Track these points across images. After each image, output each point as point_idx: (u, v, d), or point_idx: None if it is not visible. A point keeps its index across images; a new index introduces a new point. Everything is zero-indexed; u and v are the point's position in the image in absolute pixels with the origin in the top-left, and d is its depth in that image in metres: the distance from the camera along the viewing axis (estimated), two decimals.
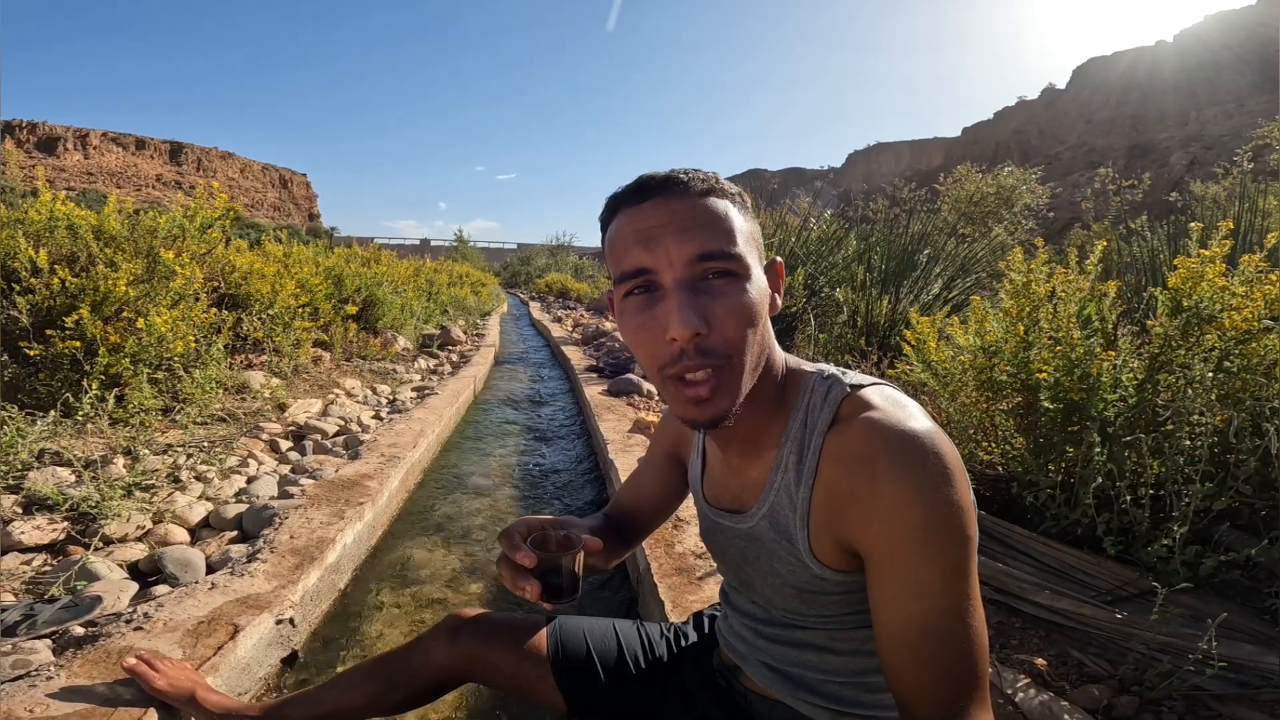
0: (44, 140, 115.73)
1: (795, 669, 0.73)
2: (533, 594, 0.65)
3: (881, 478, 0.56)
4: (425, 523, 2.36)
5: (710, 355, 0.58)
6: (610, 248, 0.63)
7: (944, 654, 0.54)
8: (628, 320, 0.62)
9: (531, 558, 0.65)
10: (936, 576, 0.54)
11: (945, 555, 0.54)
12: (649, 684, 0.89)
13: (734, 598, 0.81)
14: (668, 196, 0.60)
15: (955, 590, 0.54)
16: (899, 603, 0.55)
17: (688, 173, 0.62)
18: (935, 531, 0.54)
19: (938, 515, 0.54)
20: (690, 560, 1.70)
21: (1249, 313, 1.48)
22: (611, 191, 0.65)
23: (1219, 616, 1.15)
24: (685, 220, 0.59)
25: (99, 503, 1.82)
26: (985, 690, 0.54)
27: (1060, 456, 1.69)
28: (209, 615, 1.33)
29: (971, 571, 0.55)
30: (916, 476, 0.55)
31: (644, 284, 0.60)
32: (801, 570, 0.66)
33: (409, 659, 0.92)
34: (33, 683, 1.09)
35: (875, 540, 0.57)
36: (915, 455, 0.56)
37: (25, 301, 2.62)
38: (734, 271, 0.59)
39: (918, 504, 0.54)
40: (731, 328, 0.58)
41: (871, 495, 0.57)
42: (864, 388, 0.64)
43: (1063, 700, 1.20)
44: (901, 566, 0.55)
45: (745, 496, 0.72)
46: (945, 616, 0.54)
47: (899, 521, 0.55)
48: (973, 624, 0.54)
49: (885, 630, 0.56)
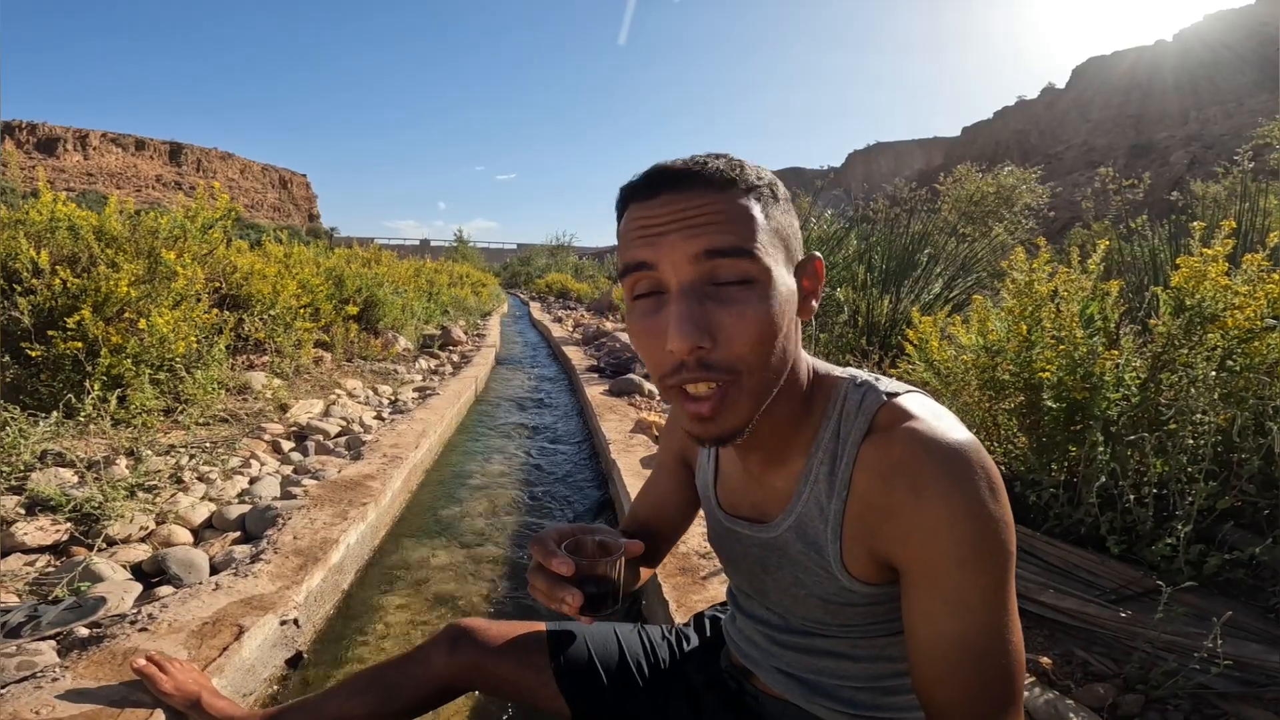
0: (44, 141, 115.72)
1: (811, 675, 0.72)
2: (573, 606, 0.60)
3: (927, 492, 0.54)
4: (428, 523, 2.36)
5: (714, 370, 0.54)
6: (619, 241, 0.60)
7: (982, 670, 0.53)
8: (633, 323, 0.58)
9: (569, 565, 0.60)
10: (978, 593, 0.53)
11: (989, 572, 0.53)
12: (653, 687, 0.88)
13: (745, 603, 0.80)
14: (681, 190, 0.54)
15: (996, 606, 0.53)
16: (937, 618, 0.54)
17: (707, 162, 0.55)
18: (982, 549, 0.52)
19: (986, 531, 0.53)
20: (694, 560, 1.70)
21: (1252, 312, 1.48)
22: (625, 180, 0.60)
23: (1224, 615, 1.15)
24: (695, 217, 0.54)
25: (102, 504, 1.82)
26: (1020, 705, 0.54)
27: (1063, 456, 1.69)
28: (214, 616, 1.33)
29: (1011, 586, 0.54)
30: (964, 492, 0.53)
31: (648, 283, 0.56)
32: (830, 582, 0.64)
33: (409, 669, 0.91)
34: (38, 684, 1.09)
35: (915, 555, 0.55)
36: (962, 469, 0.54)
37: (27, 302, 2.62)
38: (750, 276, 0.54)
39: (966, 520, 0.52)
40: (741, 342, 0.53)
41: (915, 510, 0.54)
42: (900, 396, 0.62)
43: (1068, 699, 1.20)
44: (943, 582, 0.54)
45: (767, 506, 0.69)
46: (985, 633, 0.53)
47: (945, 537, 0.53)
48: (1011, 639, 0.53)
49: (922, 645, 0.55)
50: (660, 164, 0.58)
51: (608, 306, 11.16)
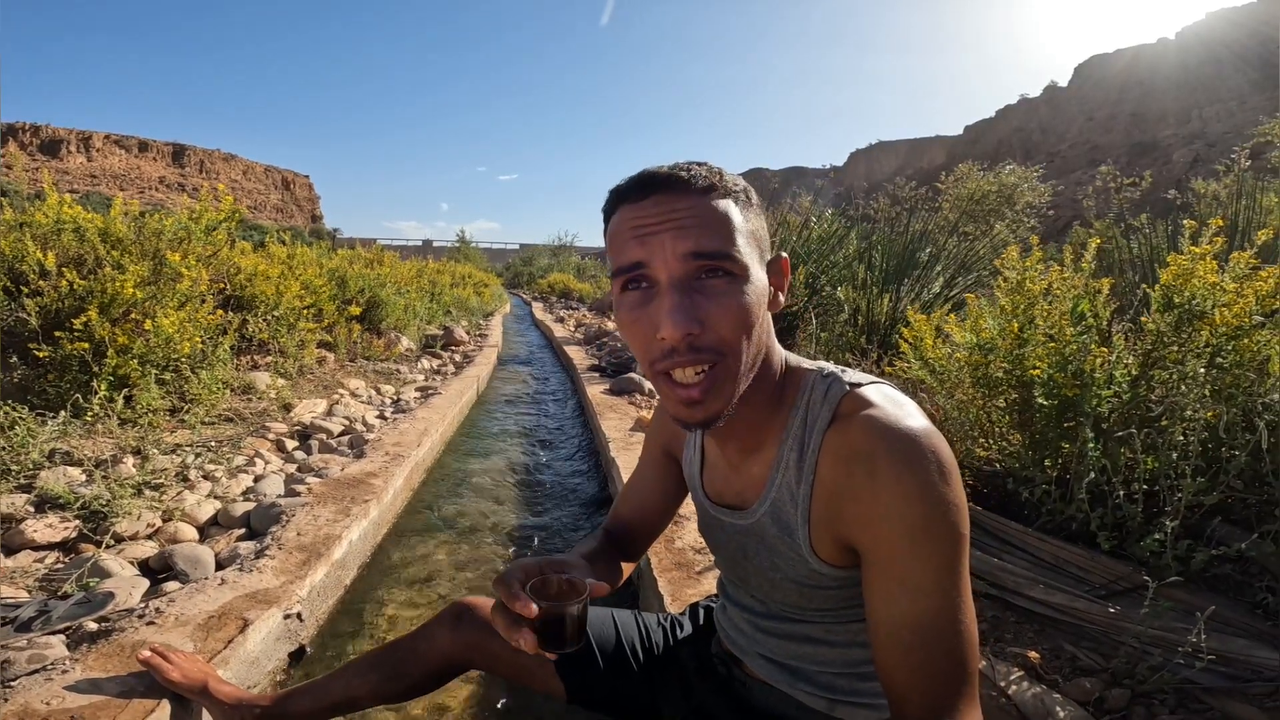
0: (47, 143, 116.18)
1: (793, 660, 0.75)
2: (529, 645, 0.59)
3: (881, 476, 0.57)
4: (429, 520, 2.39)
5: (703, 353, 0.58)
6: (610, 241, 0.63)
7: (936, 651, 0.55)
8: (623, 315, 0.62)
9: (531, 608, 0.59)
10: (931, 574, 0.55)
11: (941, 553, 0.55)
12: (647, 671, 0.91)
13: (732, 591, 0.83)
14: (668, 194, 0.60)
15: (949, 588, 0.55)
16: (893, 599, 0.56)
17: (690, 169, 0.61)
18: (932, 529, 0.55)
19: (935, 513, 0.55)
20: (689, 555, 1.73)
21: (1240, 309, 1.50)
22: (614, 184, 0.64)
23: (1207, 610, 1.17)
24: (684, 219, 0.59)
25: (109, 501, 1.85)
26: (975, 686, 0.56)
27: (1055, 452, 1.71)
28: (219, 610, 1.36)
29: (964, 569, 0.56)
30: (916, 475, 0.56)
31: (639, 278, 0.60)
32: (801, 566, 0.67)
33: (414, 645, 0.94)
34: (48, 676, 1.11)
35: (873, 537, 0.58)
36: (914, 453, 0.57)
37: (34, 304, 2.65)
38: (731, 272, 0.59)
39: (917, 502, 0.55)
40: (726, 328, 0.58)
41: (871, 493, 0.57)
42: (863, 386, 0.65)
43: (1055, 693, 1.22)
44: (898, 563, 0.56)
45: (746, 493, 0.72)
46: (938, 615, 0.55)
47: (898, 519, 0.56)
48: (964, 621, 0.55)
49: (879, 626, 0.57)
50: (648, 169, 0.63)
51: (609, 306, 11.20)
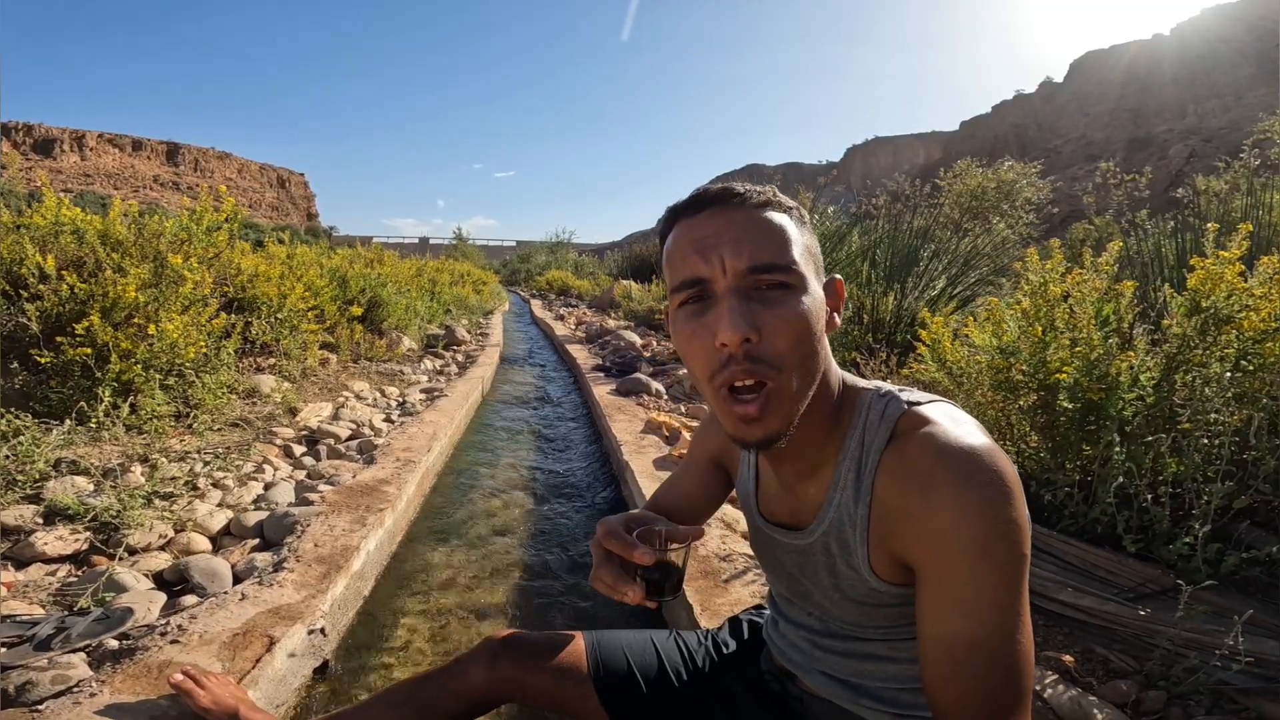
0: (40, 142, 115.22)
1: (855, 678, 0.74)
2: (635, 597, 0.64)
3: (937, 494, 0.56)
4: (442, 527, 2.37)
5: (759, 363, 0.58)
6: (668, 258, 0.65)
7: (990, 671, 0.53)
8: (680, 328, 0.62)
9: (651, 555, 0.63)
10: (989, 593, 0.54)
11: (1000, 572, 0.54)
12: (692, 695, 0.90)
13: (786, 609, 0.82)
14: (724, 207, 0.61)
15: (1005, 608, 0.54)
16: (946, 618, 0.55)
17: (745, 186, 0.63)
18: (991, 548, 0.54)
19: (995, 533, 0.54)
20: (715, 563, 1.71)
21: (1267, 313, 1.49)
22: (671, 203, 0.66)
23: (1245, 614, 1.17)
24: (741, 231, 0.60)
25: (120, 512, 1.82)
26: (1028, 708, 0.54)
27: (1078, 455, 1.70)
28: (243, 627, 1.34)
29: (1023, 589, 0.55)
30: (974, 493, 0.55)
31: (698, 294, 0.61)
32: (861, 585, 0.66)
33: (447, 683, 0.92)
34: (76, 699, 1.08)
35: (928, 554, 0.57)
36: (973, 471, 0.56)
37: (34, 308, 2.61)
38: (789, 283, 0.60)
39: (976, 521, 0.54)
40: (782, 338, 0.58)
41: (926, 511, 0.57)
42: (921, 405, 0.64)
43: (1091, 695, 1.22)
44: (953, 582, 0.55)
45: (802, 513, 0.72)
46: (995, 634, 0.54)
47: (954, 537, 0.55)
48: (1021, 641, 0.54)
49: (929, 643, 0.57)
50: (701, 188, 0.65)
51: (609, 304, 11.15)
